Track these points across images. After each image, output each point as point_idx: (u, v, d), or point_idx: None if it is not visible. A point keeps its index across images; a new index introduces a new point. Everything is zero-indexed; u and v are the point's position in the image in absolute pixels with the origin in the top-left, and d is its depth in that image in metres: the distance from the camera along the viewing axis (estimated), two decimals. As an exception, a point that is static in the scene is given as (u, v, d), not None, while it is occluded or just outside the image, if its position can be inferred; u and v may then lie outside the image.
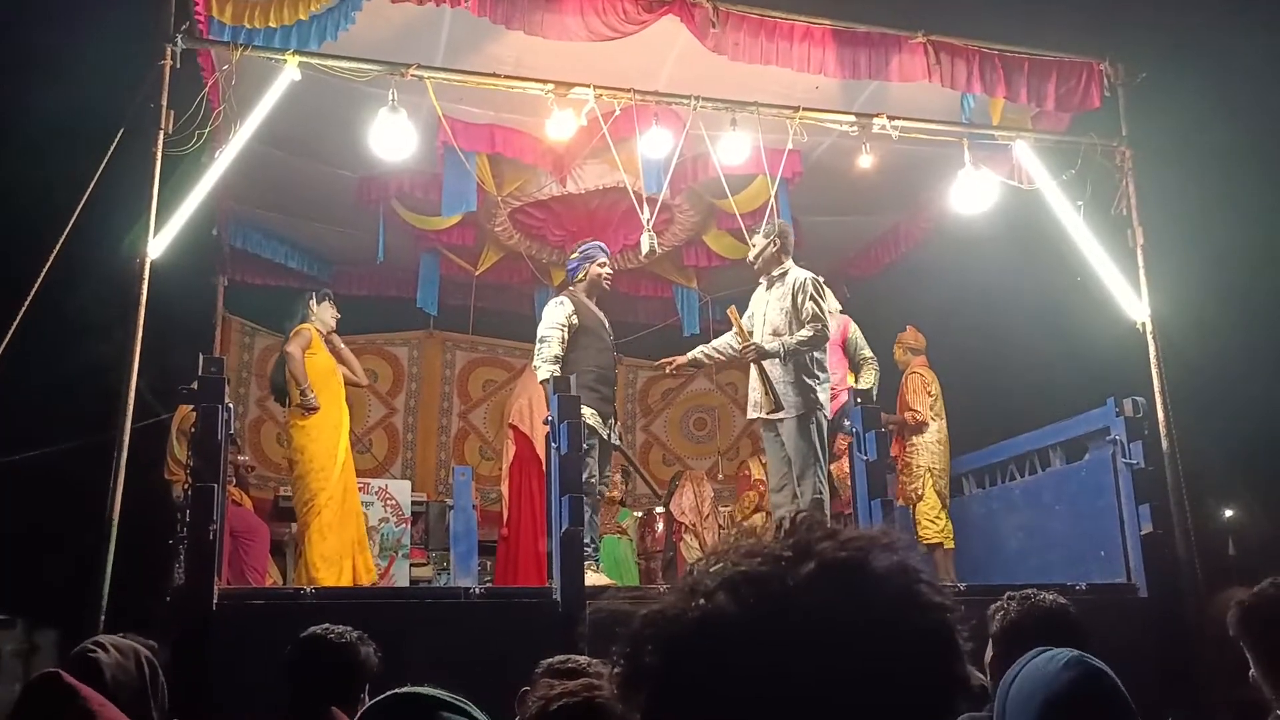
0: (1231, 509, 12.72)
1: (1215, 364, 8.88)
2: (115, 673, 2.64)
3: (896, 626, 0.82)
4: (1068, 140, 7.27)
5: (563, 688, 1.96)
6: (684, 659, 0.83)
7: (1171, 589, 6.24)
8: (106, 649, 2.70)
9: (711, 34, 6.34)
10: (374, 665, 2.90)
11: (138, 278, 5.52)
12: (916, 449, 7.53)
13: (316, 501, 6.48)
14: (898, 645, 0.81)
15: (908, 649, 0.81)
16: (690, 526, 8.60)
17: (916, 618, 0.83)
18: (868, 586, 0.83)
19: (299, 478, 6.61)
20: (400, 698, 1.51)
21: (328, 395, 6.70)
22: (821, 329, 6.22)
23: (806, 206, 8.08)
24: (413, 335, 10.34)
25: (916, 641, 0.82)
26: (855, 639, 0.80)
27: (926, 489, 7.40)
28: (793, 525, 0.88)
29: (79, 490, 6.16)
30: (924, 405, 7.47)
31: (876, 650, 0.80)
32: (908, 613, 0.83)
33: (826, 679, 0.79)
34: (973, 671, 0.88)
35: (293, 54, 6.00)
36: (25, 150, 8.48)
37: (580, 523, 5.55)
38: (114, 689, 2.58)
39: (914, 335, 7.98)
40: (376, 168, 7.42)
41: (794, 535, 0.86)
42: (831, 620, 0.81)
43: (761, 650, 0.80)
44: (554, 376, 6.13)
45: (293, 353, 6.65)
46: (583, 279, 6.60)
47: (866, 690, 0.80)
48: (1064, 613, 2.77)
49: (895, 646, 0.81)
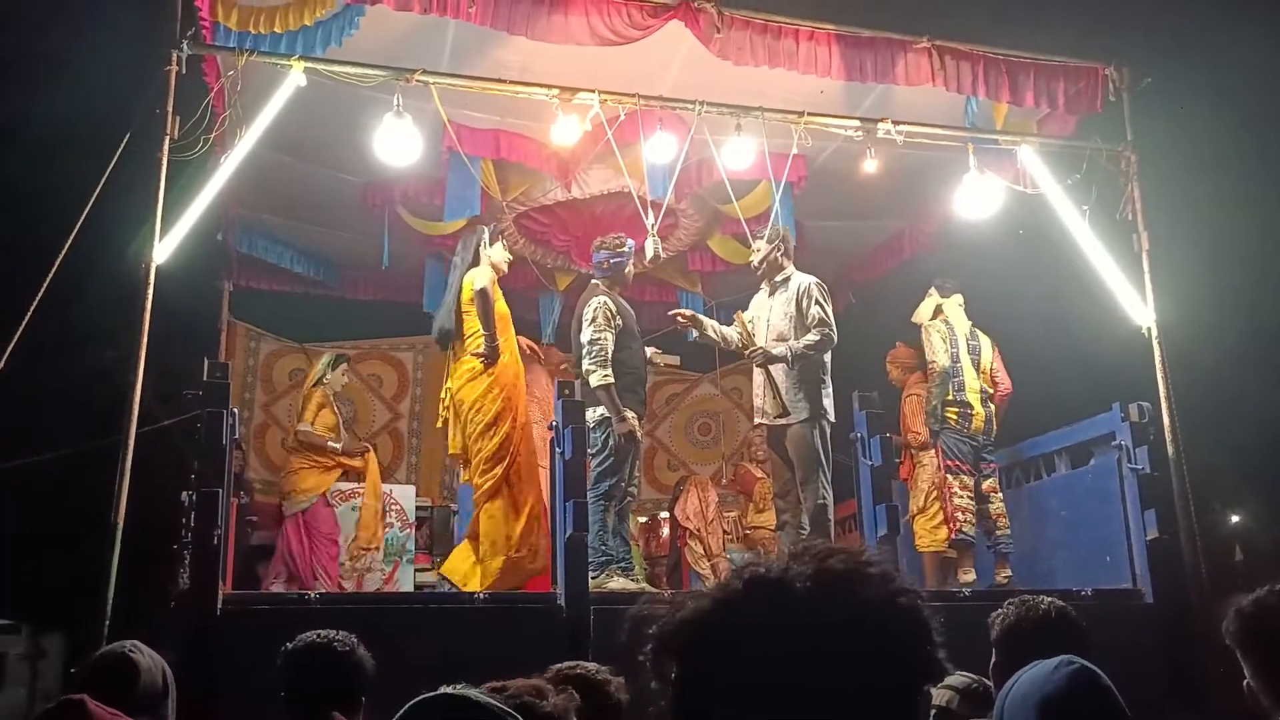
0: (1238, 514, 12.69)
1: (1221, 369, 8.87)
2: (147, 678, 2.68)
3: (881, 621, 1.00)
4: (1073, 145, 7.26)
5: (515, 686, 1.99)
6: (697, 649, 1.02)
7: (1177, 594, 6.23)
8: (143, 653, 2.73)
9: (716, 39, 6.35)
10: (371, 669, 2.89)
11: (143, 282, 5.53)
12: (923, 467, 7.51)
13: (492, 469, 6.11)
14: (881, 636, 0.99)
15: (889, 639, 1.00)
16: (695, 531, 8.59)
17: (896, 615, 1.01)
18: (860, 589, 1.01)
19: (472, 440, 6.18)
20: (453, 701, 1.48)
21: (505, 344, 6.33)
22: (828, 333, 6.22)
23: (811, 211, 8.08)
24: (418, 340, 10.34)
25: (896, 634, 1.00)
26: (849, 630, 0.99)
27: (930, 503, 7.38)
28: (804, 548, 1.07)
29: (84, 495, 6.16)
30: (922, 426, 7.46)
31: (865, 638, 0.99)
32: (889, 610, 1.01)
33: (826, 663, 0.97)
34: (948, 666, 1.04)
35: (298, 59, 6.01)
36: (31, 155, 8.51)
37: (585, 528, 5.55)
38: (142, 694, 2.61)
39: (906, 352, 7.91)
40: (381, 173, 7.42)
41: (805, 552, 1.05)
42: (831, 616, 0.99)
43: (774, 640, 0.98)
44: (609, 383, 5.98)
45: (488, 291, 6.22)
46: (616, 274, 6.43)
47: (855, 671, 0.98)
48: (1064, 616, 2.76)
49: (880, 637, 0.99)
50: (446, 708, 1.44)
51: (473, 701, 1.46)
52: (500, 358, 6.23)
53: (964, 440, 6.99)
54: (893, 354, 8.03)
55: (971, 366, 7.10)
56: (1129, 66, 7.12)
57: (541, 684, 2.10)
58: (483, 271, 6.41)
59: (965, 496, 6.86)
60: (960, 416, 7.00)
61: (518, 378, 6.31)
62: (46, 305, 5.81)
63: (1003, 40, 6.97)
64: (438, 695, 1.46)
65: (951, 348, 7.10)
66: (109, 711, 2.43)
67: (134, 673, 2.65)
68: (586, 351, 6.11)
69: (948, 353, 7.08)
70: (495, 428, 6.15)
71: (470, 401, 6.20)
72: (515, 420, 6.20)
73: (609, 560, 5.94)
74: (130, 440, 5.24)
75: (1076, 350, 8.38)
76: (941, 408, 7.01)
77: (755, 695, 0.97)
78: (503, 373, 6.25)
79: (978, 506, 6.87)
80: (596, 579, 5.72)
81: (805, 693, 0.97)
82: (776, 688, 0.97)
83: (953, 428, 7.00)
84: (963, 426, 7.00)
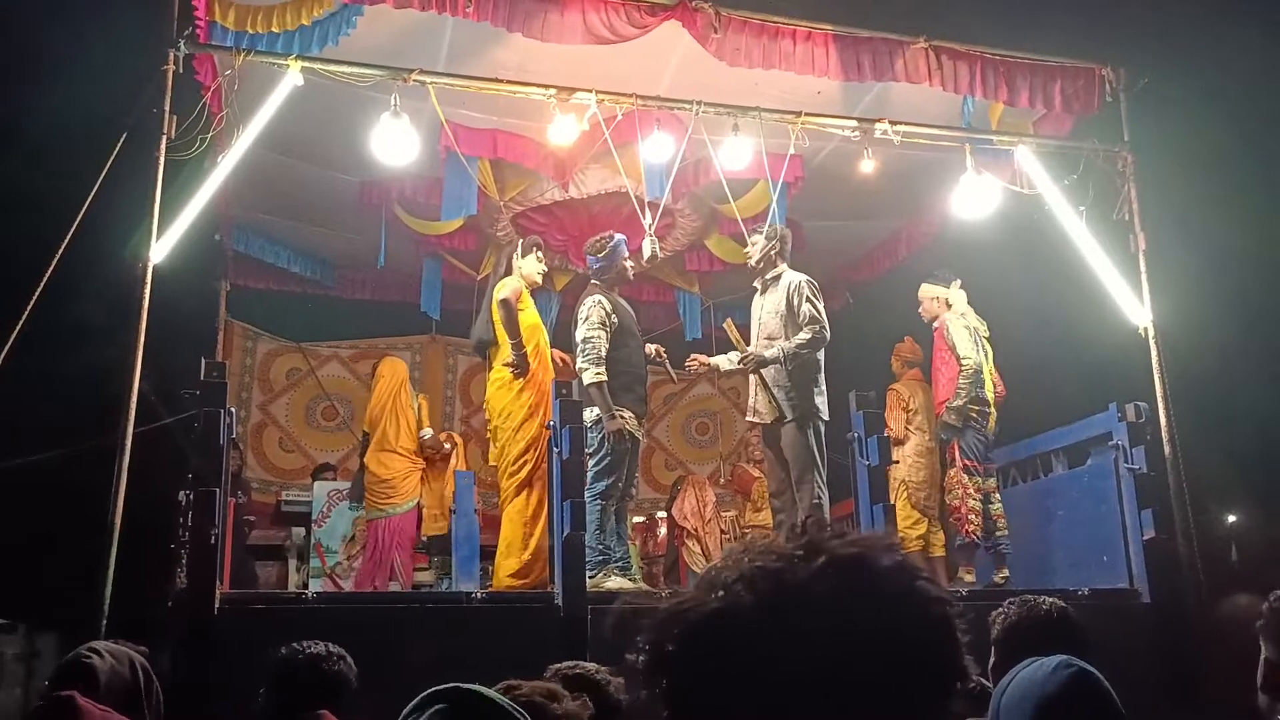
0: (1234, 514, 12.69)
1: (1217, 369, 8.87)
2: (109, 678, 2.66)
3: (900, 617, 0.88)
4: (1070, 145, 7.27)
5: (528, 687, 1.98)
6: (704, 647, 0.89)
7: (1174, 594, 6.24)
8: (101, 654, 2.71)
9: (713, 39, 6.35)
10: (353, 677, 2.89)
11: (140, 282, 5.52)
12: (894, 464, 7.45)
13: (519, 470, 6.21)
14: (901, 634, 0.87)
15: (910, 637, 0.88)
16: (692, 531, 8.60)
17: (918, 609, 0.89)
18: (874, 580, 0.89)
19: (503, 446, 6.29)
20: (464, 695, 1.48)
21: (533, 352, 6.40)
22: (819, 331, 6.21)
23: (808, 211, 8.08)
24: (415, 340, 10.35)
25: (918, 631, 0.88)
26: (862, 628, 0.86)
27: (900, 500, 7.34)
28: (803, 527, 0.95)
29: (81, 494, 6.15)
30: (898, 421, 7.42)
31: (882, 639, 0.86)
32: (910, 605, 0.89)
33: (836, 665, 0.85)
34: (973, 667, 0.93)
35: (295, 59, 6.01)
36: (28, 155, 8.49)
37: (582, 528, 5.55)
38: (107, 694, 2.60)
39: (911, 347, 7.84)
40: (378, 172, 7.42)
41: (804, 535, 0.93)
42: (840, 610, 0.86)
43: (776, 638, 0.86)
44: (601, 381, 6.03)
45: (510, 302, 6.29)
46: (612, 273, 6.45)
47: (872, 676, 0.85)
48: (1064, 616, 2.77)
49: (899, 635, 0.87)
50: (456, 700, 1.45)
51: (483, 696, 1.46)
52: (529, 366, 6.31)
53: (982, 439, 6.91)
54: (899, 347, 7.91)
55: (989, 362, 7.04)
56: (1126, 67, 7.13)
57: (555, 688, 2.08)
58: (508, 282, 6.46)
59: (978, 499, 6.80)
60: (979, 415, 6.89)
61: (547, 385, 6.35)
62: (43, 304, 5.80)
63: (1000, 40, 6.97)
64: (450, 688, 1.47)
65: (976, 341, 6.99)
66: (100, 708, 2.44)
67: (91, 677, 2.64)
68: (580, 350, 6.17)
69: (975, 347, 6.93)
70: (522, 430, 6.26)
71: (500, 408, 6.32)
72: (543, 426, 6.23)
73: (607, 559, 5.95)
74: (127, 440, 5.24)
75: (1073, 350, 8.38)
76: (968, 405, 6.85)
77: (760, 706, 0.86)
78: (532, 380, 6.34)
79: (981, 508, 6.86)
80: (594, 578, 5.73)
81: (827, 703, 0.85)
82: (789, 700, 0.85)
83: (974, 427, 6.88)
84: (982, 425, 6.90)
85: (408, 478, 7.62)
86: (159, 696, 2.81)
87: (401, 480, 7.59)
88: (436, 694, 1.45)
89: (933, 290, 7.25)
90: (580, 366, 6.15)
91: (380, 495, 7.54)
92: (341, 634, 2.97)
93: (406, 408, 7.71)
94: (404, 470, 7.61)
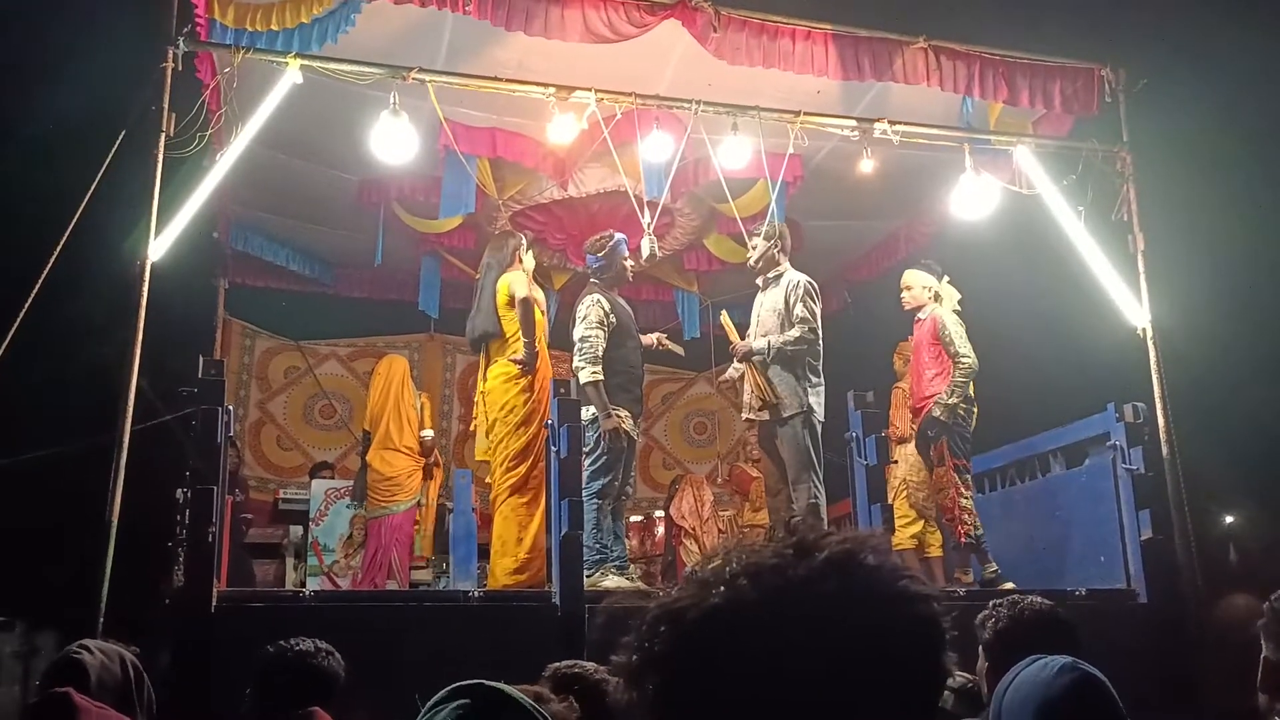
0: (1232, 514, 12.69)
1: (1216, 369, 8.87)
2: (100, 675, 2.67)
3: (891, 615, 0.89)
4: (1069, 145, 7.27)
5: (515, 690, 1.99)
6: (695, 646, 0.89)
7: (1172, 595, 6.24)
8: (92, 651, 2.72)
9: (713, 38, 6.35)
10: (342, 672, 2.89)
11: (139, 280, 5.52)
12: (894, 463, 7.42)
13: (516, 467, 6.19)
14: (892, 632, 0.89)
15: (900, 635, 0.89)
16: (690, 530, 8.60)
17: (908, 608, 0.91)
18: (865, 578, 0.90)
19: (498, 441, 6.26)
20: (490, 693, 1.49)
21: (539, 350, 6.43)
22: (808, 331, 6.21)
23: (807, 211, 8.08)
24: (414, 338, 10.35)
25: (908, 629, 0.90)
26: (854, 626, 0.87)
27: (898, 499, 7.30)
28: (794, 527, 0.96)
29: (79, 492, 6.14)
30: (903, 420, 7.40)
31: (873, 636, 0.88)
32: (900, 603, 0.90)
33: (828, 662, 0.86)
34: (952, 668, 0.95)
35: (294, 57, 6.01)
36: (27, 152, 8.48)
37: (580, 527, 5.55)
38: (98, 691, 2.62)
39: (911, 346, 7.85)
40: (377, 170, 7.42)
41: (796, 534, 0.93)
42: (832, 608, 0.87)
43: (767, 636, 0.87)
44: (598, 380, 6.04)
45: (530, 299, 6.26)
46: (611, 273, 6.46)
47: (863, 673, 0.86)
48: (1053, 615, 2.76)
49: (889, 633, 0.88)
50: (481, 696, 1.45)
51: (507, 695, 1.47)
52: (535, 368, 6.31)
53: (966, 438, 6.78)
54: (902, 345, 7.85)
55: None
56: (1125, 67, 7.13)
57: (541, 690, 2.09)
58: (519, 278, 6.45)
59: (969, 497, 6.72)
60: (967, 414, 6.77)
61: (549, 384, 6.33)
62: (41, 302, 5.79)
63: (999, 40, 6.98)
64: (474, 684, 1.47)
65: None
66: (95, 705, 2.44)
67: (82, 674, 2.65)
68: (577, 349, 6.19)
69: (967, 343, 6.75)
70: (524, 428, 6.25)
71: (503, 403, 6.29)
72: (543, 424, 6.22)
73: (604, 559, 5.96)
74: (125, 438, 5.24)
75: (1071, 350, 8.38)
76: (959, 404, 6.67)
77: (759, 704, 0.86)
78: (536, 378, 6.33)
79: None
80: (591, 577, 5.73)
81: (823, 700, 0.86)
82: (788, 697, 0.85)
83: (961, 425, 6.72)
84: (968, 423, 6.78)
85: (411, 476, 7.64)
86: (150, 694, 2.82)
87: (405, 479, 7.60)
88: (460, 689, 1.46)
89: (924, 279, 7.00)
90: (577, 365, 6.16)
91: (384, 493, 7.55)
92: (339, 633, 2.98)
93: (409, 406, 7.71)
94: (408, 469, 7.63)
